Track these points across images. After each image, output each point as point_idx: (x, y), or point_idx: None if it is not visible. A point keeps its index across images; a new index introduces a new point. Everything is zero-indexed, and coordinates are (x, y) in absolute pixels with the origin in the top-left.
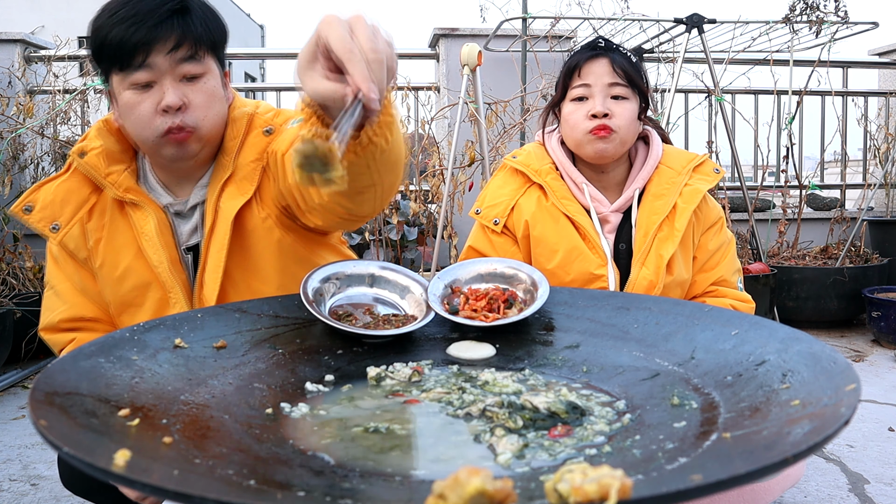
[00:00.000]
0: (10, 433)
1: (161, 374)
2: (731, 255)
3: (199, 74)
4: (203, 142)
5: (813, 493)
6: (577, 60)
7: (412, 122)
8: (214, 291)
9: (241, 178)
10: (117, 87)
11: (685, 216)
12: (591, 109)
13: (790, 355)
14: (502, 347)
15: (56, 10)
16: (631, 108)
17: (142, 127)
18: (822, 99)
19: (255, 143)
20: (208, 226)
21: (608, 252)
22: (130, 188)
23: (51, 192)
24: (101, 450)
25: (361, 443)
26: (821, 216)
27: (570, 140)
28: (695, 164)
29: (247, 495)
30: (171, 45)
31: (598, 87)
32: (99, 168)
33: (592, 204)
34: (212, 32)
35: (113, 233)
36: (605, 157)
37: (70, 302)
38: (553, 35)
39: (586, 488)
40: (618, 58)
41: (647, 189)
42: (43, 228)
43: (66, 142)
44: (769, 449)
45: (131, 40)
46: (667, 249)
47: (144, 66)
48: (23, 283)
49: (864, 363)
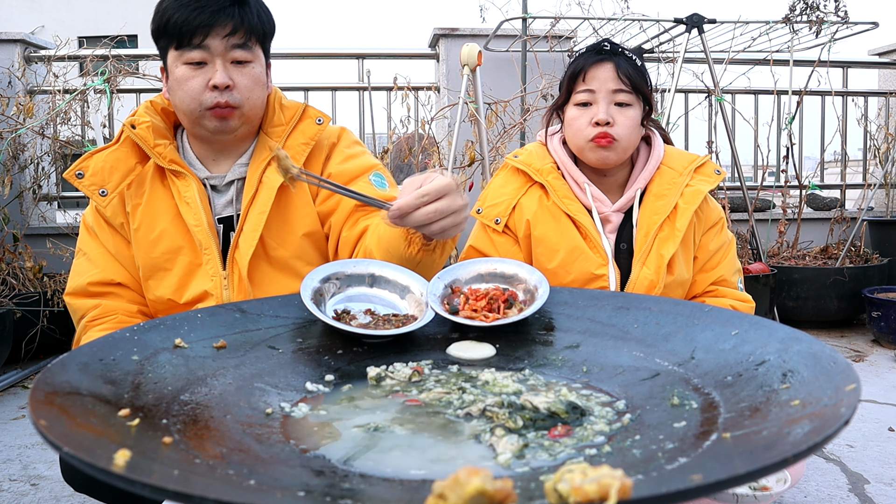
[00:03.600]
0: (10, 433)
1: (161, 374)
2: (731, 256)
3: (247, 60)
4: (243, 119)
5: (813, 493)
6: (582, 64)
7: (412, 122)
8: (248, 254)
9: None
10: (172, 63)
11: (686, 216)
12: (595, 117)
13: (790, 355)
14: (502, 347)
15: (56, 10)
16: (634, 115)
17: (191, 99)
18: (822, 99)
19: (305, 130)
20: (249, 195)
21: (609, 252)
22: (174, 160)
23: (101, 160)
24: (101, 450)
25: (361, 443)
26: (821, 216)
27: (572, 144)
28: (696, 164)
29: (247, 495)
30: (228, 30)
31: (601, 93)
32: (147, 140)
33: (594, 203)
34: (263, 25)
35: (152, 199)
36: (606, 164)
37: (102, 266)
38: (553, 35)
39: (586, 488)
40: (623, 63)
41: (649, 189)
42: (92, 193)
43: (66, 142)
44: (769, 449)
45: (193, 22)
46: (668, 249)
47: (201, 47)
48: (23, 283)
49: (864, 363)
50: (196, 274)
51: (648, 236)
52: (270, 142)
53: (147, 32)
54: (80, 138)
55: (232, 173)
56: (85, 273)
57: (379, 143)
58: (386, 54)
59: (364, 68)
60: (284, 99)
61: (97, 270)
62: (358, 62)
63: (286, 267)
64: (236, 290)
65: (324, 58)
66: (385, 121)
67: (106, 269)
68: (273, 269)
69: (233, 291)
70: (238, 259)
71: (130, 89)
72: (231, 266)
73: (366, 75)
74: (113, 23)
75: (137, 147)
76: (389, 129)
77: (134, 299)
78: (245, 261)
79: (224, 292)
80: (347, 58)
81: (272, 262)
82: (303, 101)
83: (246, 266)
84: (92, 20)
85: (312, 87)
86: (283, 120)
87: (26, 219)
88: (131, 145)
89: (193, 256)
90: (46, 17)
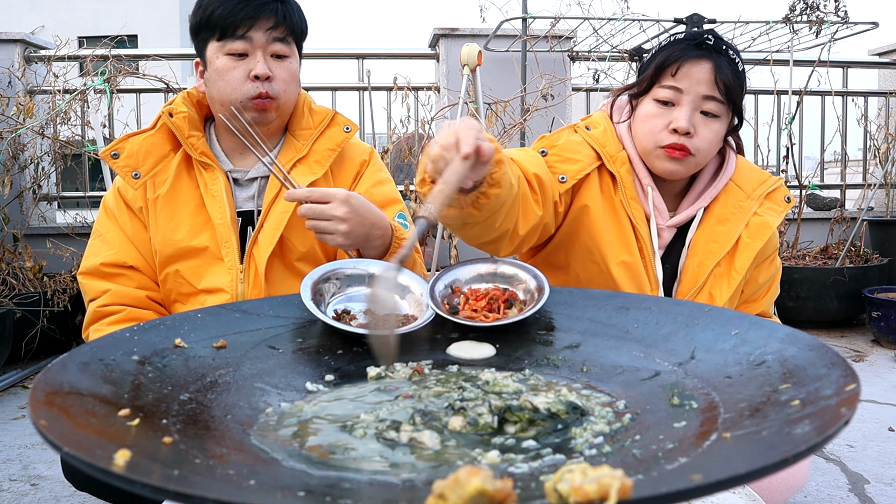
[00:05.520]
0: (10, 433)
1: (161, 374)
2: (775, 287)
3: (286, 55)
4: (279, 112)
5: (813, 493)
6: (676, 56)
7: (412, 122)
8: (267, 251)
9: (314, 161)
10: (213, 54)
11: (748, 255)
12: (674, 122)
13: (790, 355)
14: (502, 347)
15: (56, 10)
16: (719, 129)
17: (232, 89)
18: (822, 99)
19: (333, 135)
20: (273, 193)
21: (660, 276)
22: (205, 152)
23: (137, 144)
24: (101, 450)
25: (361, 443)
26: (821, 216)
27: (639, 143)
28: (767, 189)
29: (247, 495)
30: (271, 24)
31: (690, 95)
32: (183, 129)
33: (653, 213)
34: (302, 23)
35: (176, 187)
36: (672, 177)
37: (117, 247)
38: (553, 35)
39: (586, 488)
40: (724, 66)
41: (711, 208)
42: (125, 175)
43: (66, 142)
44: (769, 449)
45: (239, 14)
46: (721, 292)
47: (244, 38)
48: (23, 283)
49: (864, 363)
50: (213, 266)
51: (702, 268)
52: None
53: (147, 32)
54: (80, 138)
55: (256, 170)
56: (99, 253)
57: (379, 143)
58: (386, 54)
59: (364, 68)
60: (314, 104)
61: (112, 252)
62: (358, 62)
63: (296, 268)
64: (251, 286)
65: (324, 58)
66: (385, 121)
67: (120, 251)
68: (286, 269)
69: (248, 286)
70: (256, 255)
71: (130, 89)
72: (248, 261)
73: (366, 75)
74: (113, 23)
75: (172, 135)
76: (389, 129)
77: (144, 284)
78: (263, 258)
79: (239, 286)
80: (347, 58)
81: (287, 261)
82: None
83: (264, 263)
84: (92, 20)
85: (312, 87)
86: (311, 124)
87: (26, 219)
88: (167, 133)
89: (213, 245)
90: (46, 17)
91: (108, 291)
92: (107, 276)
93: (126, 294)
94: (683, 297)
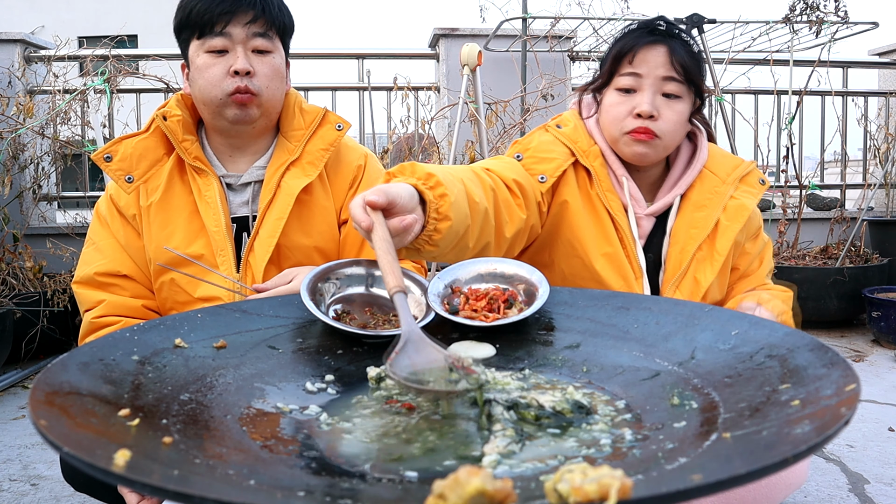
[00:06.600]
0: (10, 433)
1: (161, 374)
2: (768, 259)
3: (268, 51)
4: (262, 109)
5: (813, 493)
6: (631, 44)
7: (412, 123)
8: (264, 259)
9: (308, 163)
10: (194, 53)
11: (728, 237)
12: (637, 107)
13: (790, 355)
14: (502, 347)
15: (56, 10)
16: (682, 109)
17: (212, 86)
18: (822, 99)
19: (325, 135)
20: (267, 199)
21: (643, 263)
22: (199, 157)
23: (130, 147)
24: (101, 450)
25: (361, 443)
26: (821, 216)
27: (606, 133)
28: (741, 173)
29: (247, 495)
30: (249, 18)
31: (649, 79)
32: (177, 133)
33: (630, 203)
34: (284, 18)
35: (169, 194)
36: (642, 161)
37: (110, 256)
38: (553, 35)
39: (586, 488)
40: (679, 48)
41: (688, 196)
42: (118, 179)
43: (66, 142)
44: (769, 449)
45: (216, 10)
46: (705, 275)
47: (223, 34)
48: (23, 283)
49: (864, 363)
50: (208, 274)
51: (684, 254)
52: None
53: (147, 32)
54: (80, 138)
55: (249, 175)
56: (92, 262)
57: (379, 143)
58: (386, 54)
59: (364, 68)
60: (305, 103)
61: (105, 261)
62: (358, 62)
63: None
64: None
65: (324, 58)
66: (385, 121)
67: (114, 260)
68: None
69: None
70: (252, 263)
71: (130, 89)
72: (245, 269)
73: (366, 75)
74: (113, 23)
75: (165, 138)
76: (389, 129)
77: (139, 293)
78: (260, 267)
79: (236, 295)
80: (347, 58)
81: (283, 269)
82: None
83: (261, 272)
84: (92, 20)
85: (312, 87)
86: (302, 124)
87: (26, 219)
88: (160, 136)
89: (208, 256)
90: (46, 17)
91: (103, 302)
92: (101, 286)
93: (121, 304)
94: (668, 283)
